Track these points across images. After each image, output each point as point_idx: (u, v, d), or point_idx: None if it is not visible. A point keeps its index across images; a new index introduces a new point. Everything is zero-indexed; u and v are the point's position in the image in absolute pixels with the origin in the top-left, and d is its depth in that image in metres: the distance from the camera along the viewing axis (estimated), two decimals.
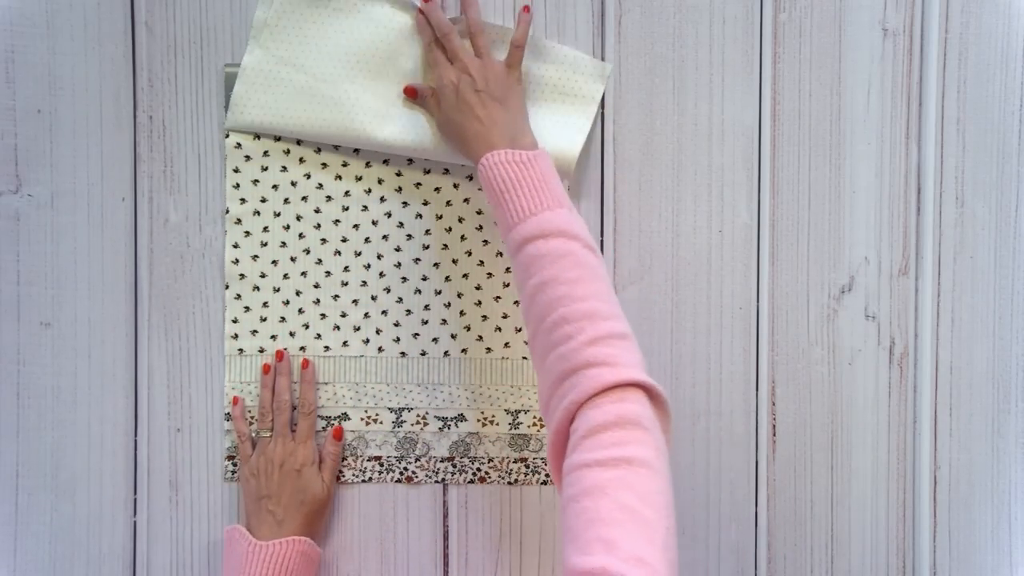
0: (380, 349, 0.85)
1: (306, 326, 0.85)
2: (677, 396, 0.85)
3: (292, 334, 0.85)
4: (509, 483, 0.85)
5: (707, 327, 0.86)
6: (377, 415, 0.85)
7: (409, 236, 0.85)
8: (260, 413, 0.83)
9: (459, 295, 0.85)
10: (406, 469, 0.85)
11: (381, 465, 0.85)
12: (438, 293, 0.85)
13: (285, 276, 0.85)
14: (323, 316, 0.85)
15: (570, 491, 0.59)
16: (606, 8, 0.85)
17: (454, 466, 0.85)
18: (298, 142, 0.84)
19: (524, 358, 0.85)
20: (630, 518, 0.56)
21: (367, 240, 0.85)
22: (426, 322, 0.85)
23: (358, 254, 0.85)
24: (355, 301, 0.85)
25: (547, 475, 0.85)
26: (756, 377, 0.86)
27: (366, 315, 0.85)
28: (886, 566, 0.86)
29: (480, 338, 0.85)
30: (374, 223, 0.85)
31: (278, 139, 0.84)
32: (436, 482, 0.85)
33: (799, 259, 0.86)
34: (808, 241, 0.86)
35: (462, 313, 0.85)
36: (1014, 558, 0.86)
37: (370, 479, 0.85)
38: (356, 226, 0.85)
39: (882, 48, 0.85)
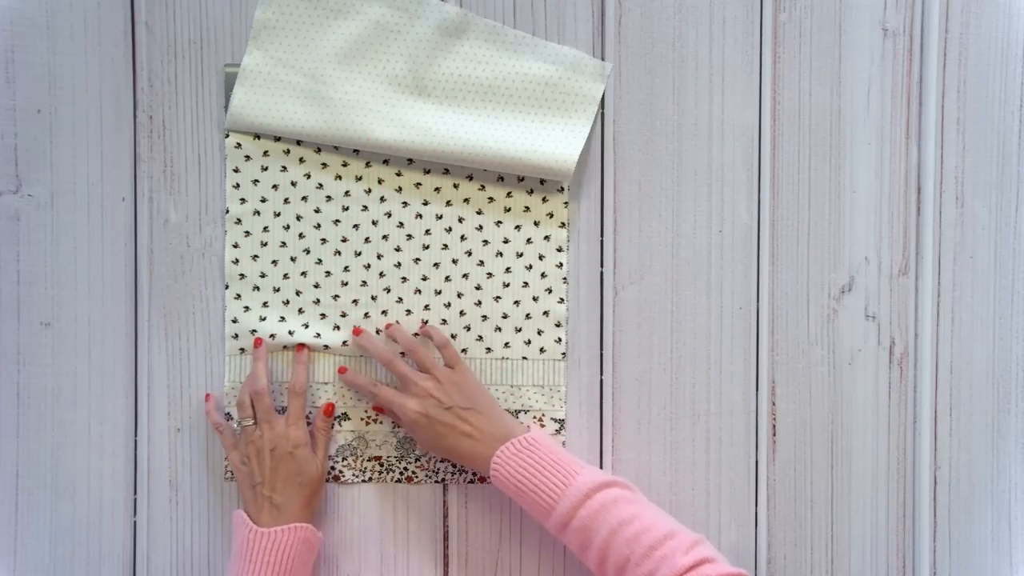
0: None
1: (306, 326, 0.85)
2: (677, 396, 0.85)
3: (292, 333, 0.85)
4: None
5: (707, 327, 0.86)
6: (377, 415, 0.85)
7: (409, 236, 0.85)
8: (239, 403, 0.82)
9: (459, 295, 0.85)
10: (406, 469, 0.85)
11: (381, 465, 0.85)
12: (438, 293, 0.85)
13: (285, 276, 0.85)
14: (323, 316, 0.85)
15: None
16: (606, 8, 0.85)
17: (454, 466, 0.85)
18: (298, 142, 0.84)
19: (524, 358, 0.85)
20: None
21: (367, 240, 0.85)
22: (426, 322, 0.85)
23: (358, 254, 0.85)
24: (355, 301, 0.85)
25: None
26: (756, 377, 0.86)
27: (366, 315, 0.85)
28: (886, 566, 0.86)
29: (480, 338, 0.85)
30: (374, 223, 0.85)
31: (278, 139, 0.84)
32: (436, 482, 0.85)
33: (799, 259, 0.86)
34: (808, 241, 0.86)
35: (462, 313, 0.85)
36: (1014, 558, 0.86)
37: (370, 479, 0.85)
38: (356, 226, 0.85)
39: (882, 48, 0.85)
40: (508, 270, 0.85)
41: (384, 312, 0.85)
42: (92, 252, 0.84)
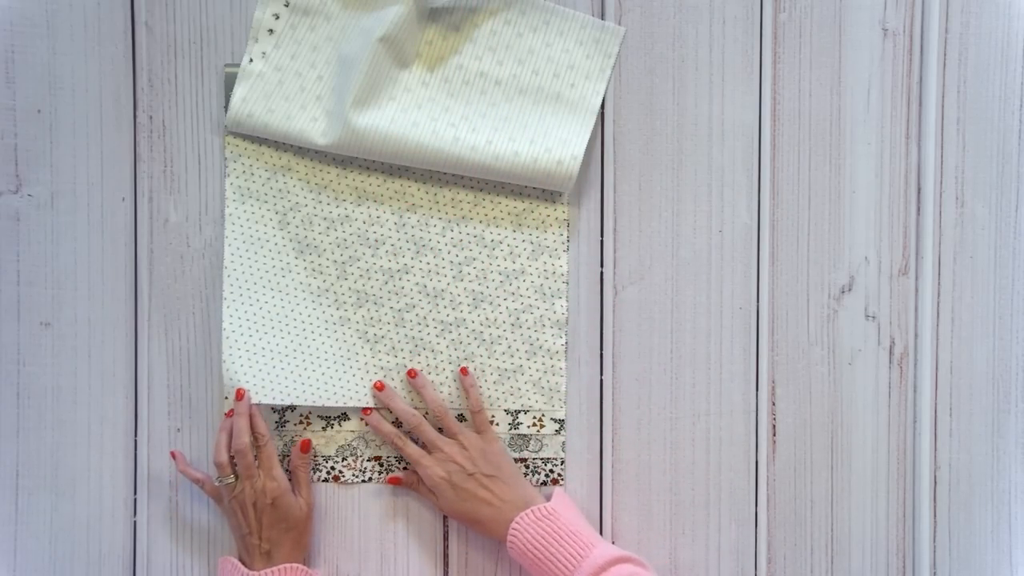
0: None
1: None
2: (677, 396, 0.85)
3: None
4: None
5: (707, 327, 0.86)
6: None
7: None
8: (217, 462, 0.80)
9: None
10: (406, 469, 0.85)
11: (381, 465, 0.85)
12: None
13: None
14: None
15: None
16: (606, 8, 0.85)
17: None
18: (297, 144, 0.84)
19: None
20: None
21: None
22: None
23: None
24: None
25: (547, 475, 0.85)
26: (756, 377, 0.86)
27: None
28: (886, 566, 0.86)
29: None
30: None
31: (278, 140, 0.84)
32: None
33: (799, 259, 0.86)
34: (808, 241, 0.86)
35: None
36: (1014, 558, 0.86)
37: (370, 479, 0.85)
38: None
39: (882, 48, 0.85)
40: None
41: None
42: (92, 252, 0.84)
